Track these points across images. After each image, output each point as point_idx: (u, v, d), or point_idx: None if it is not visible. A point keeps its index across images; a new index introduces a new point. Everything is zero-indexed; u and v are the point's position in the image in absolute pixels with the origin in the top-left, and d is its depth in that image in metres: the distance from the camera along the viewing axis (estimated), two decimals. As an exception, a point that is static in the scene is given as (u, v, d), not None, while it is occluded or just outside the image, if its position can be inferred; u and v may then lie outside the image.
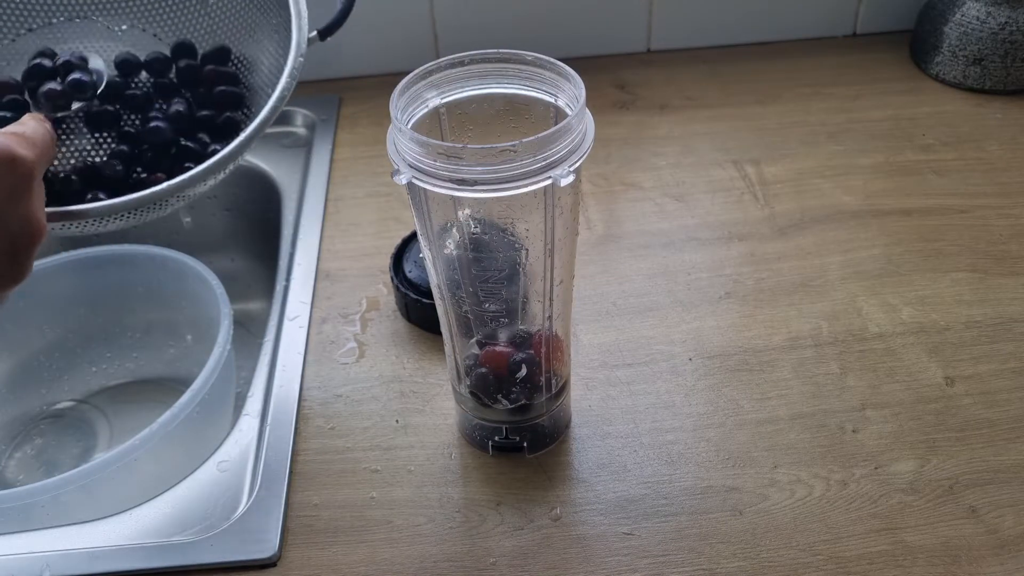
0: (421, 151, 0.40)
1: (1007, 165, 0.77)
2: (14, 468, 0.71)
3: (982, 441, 0.55)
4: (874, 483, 0.53)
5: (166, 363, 0.78)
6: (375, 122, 0.85)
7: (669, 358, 0.61)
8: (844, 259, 0.68)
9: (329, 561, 0.50)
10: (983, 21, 0.83)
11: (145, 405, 0.76)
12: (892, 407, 0.57)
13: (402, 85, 0.43)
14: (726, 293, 0.66)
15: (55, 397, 0.76)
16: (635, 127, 0.84)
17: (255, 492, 0.54)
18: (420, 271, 0.64)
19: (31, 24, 0.55)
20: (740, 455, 0.55)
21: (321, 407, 0.59)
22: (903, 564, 0.48)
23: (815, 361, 0.60)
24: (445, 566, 0.50)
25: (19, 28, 0.55)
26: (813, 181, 0.76)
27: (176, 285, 0.69)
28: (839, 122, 0.83)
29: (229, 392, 0.66)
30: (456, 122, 0.46)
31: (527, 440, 0.55)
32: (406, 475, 0.55)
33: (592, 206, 0.75)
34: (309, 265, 0.70)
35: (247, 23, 0.57)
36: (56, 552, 0.52)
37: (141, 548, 0.52)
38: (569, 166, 0.40)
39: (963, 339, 0.61)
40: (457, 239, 0.45)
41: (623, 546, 0.50)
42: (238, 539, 0.51)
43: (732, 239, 0.70)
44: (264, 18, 0.56)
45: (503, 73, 0.44)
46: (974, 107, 0.84)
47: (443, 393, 0.60)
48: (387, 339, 0.64)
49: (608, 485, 0.53)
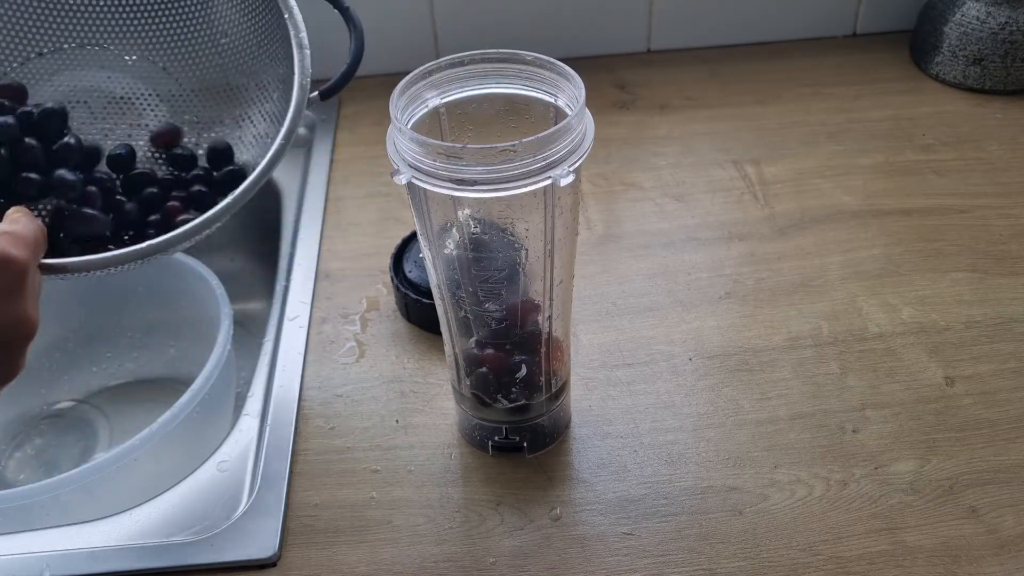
0: (421, 151, 0.40)
1: (1007, 165, 0.77)
2: (14, 468, 0.71)
3: (982, 441, 0.55)
4: (874, 483, 0.53)
5: (166, 363, 0.78)
6: (375, 122, 0.85)
7: (669, 358, 0.61)
8: (844, 259, 0.68)
9: (329, 561, 0.50)
10: (983, 21, 0.83)
11: (145, 405, 0.76)
12: (892, 407, 0.57)
13: (402, 85, 0.43)
14: (726, 293, 0.66)
15: (55, 397, 0.76)
16: (635, 127, 0.84)
17: (255, 492, 0.54)
18: (420, 271, 0.64)
19: (41, 48, 0.55)
20: (740, 455, 0.55)
21: (321, 407, 0.59)
22: (903, 564, 0.48)
23: (815, 361, 0.60)
24: (445, 566, 0.50)
25: (29, 52, 0.55)
26: (813, 181, 0.76)
27: (176, 285, 0.69)
28: (839, 122, 0.83)
29: (229, 392, 0.66)
30: (456, 122, 0.46)
31: (527, 440, 0.55)
32: (406, 475, 0.55)
33: (592, 206, 0.75)
34: (309, 265, 0.70)
35: (255, 67, 0.57)
36: (56, 552, 0.52)
37: (141, 548, 0.52)
38: (569, 166, 0.40)
39: (963, 339, 0.61)
40: (457, 239, 0.45)
41: (623, 546, 0.50)
42: (238, 539, 0.51)
43: (732, 239, 0.70)
44: (272, 66, 0.55)
45: (503, 73, 0.44)
46: (974, 107, 0.84)
47: (443, 393, 0.60)
48: (387, 339, 0.64)
49: (608, 485, 0.53)
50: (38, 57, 0.55)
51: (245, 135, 0.57)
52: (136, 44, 0.57)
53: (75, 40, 0.56)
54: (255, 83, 0.57)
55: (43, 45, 0.55)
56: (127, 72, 0.58)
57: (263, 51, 0.56)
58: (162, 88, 0.58)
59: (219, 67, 0.58)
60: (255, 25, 0.55)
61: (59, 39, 0.55)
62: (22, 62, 0.55)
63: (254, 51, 0.56)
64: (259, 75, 0.56)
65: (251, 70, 0.57)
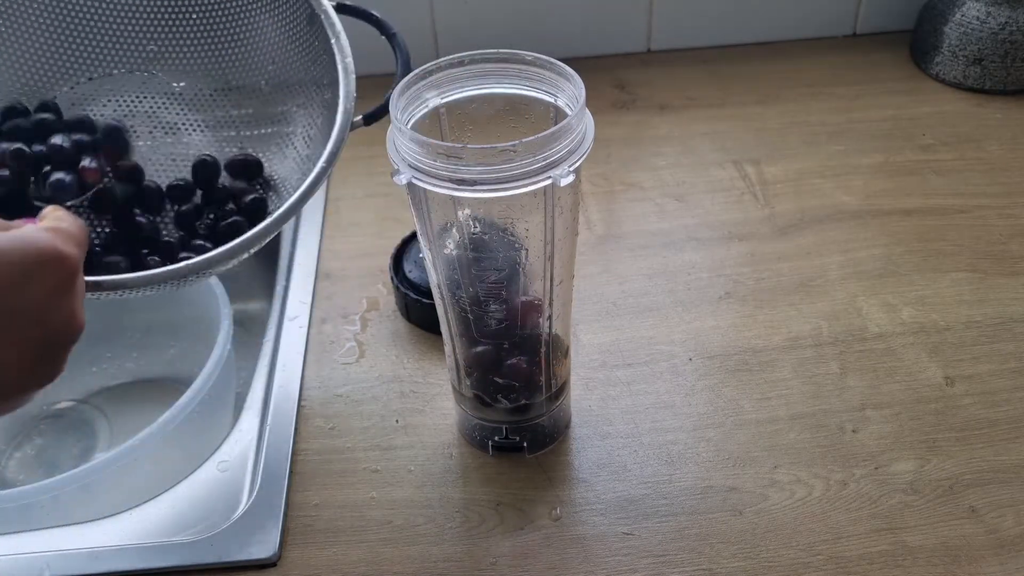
0: (421, 151, 0.40)
1: (1007, 165, 0.77)
2: (14, 468, 0.71)
3: (982, 441, 0.55)
4: (874, 483, 0.53)
5: (166, 363, 0.78)
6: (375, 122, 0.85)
7: (669, 358, 0.61)
8: (844, 259, 0.68)
9: (329, 561, 0.50)
10: (983, 21, 0.83)
11: (145, 405, 0.76)
12: (892, 407, 0.57)
13: (402, 85, 0.43)
14: (726, 293, 0.66)
15: (55, 397, 0.76)
16: (635, 127, 0.84)
17: (255, 492, 0.54)
18: (420, 271, 0.64)
19: (91, 73, 0.55)
20: (740, 455, 0.55)
21: (321, 407, 0.59)
22: (903, 564, 0.48)
23: (815, 361, 0.60)
24: (445, 566, 0.50)
25: (79, 76, 0.55)
26: (813, 181, 0.76)
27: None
28: (839, 122, 0.83)
29: (229, 392, 0.66)
30: (456, 122, 0.46)
31: (527, 440, 0.55)
32: (406, 475, 0.55)
33: (592, 206, 0.75)
34: (309, 265, 0.70)
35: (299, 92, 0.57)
36: (56, 552, 0.52)
37: (141, 548, 0.52)
38: (569, 166, 0.40)
39: (963, 339, 0.61)
40: (457, 239, 0.45)
41: (623, 546, 0.50)
42: (238, 539, 0.51)
43: (732, 239, 0.70)
44: (318, 93, 0.55)
45: (503, 73, 0.44)
46: (974, 107, 0.84)
47: (443, 393, 0.60)
48: (387, 339, 0.64)
49: (608, 485, 0.53)
50: (88, 82, 0.55)
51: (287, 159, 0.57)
52: (184, 71, 0.57)
53: (125, 66, 0.56)
54: (299, 107, 0.57)
55: (93, 70, 0.55)
56: (174, 99, 0.58)
57: (308, 76, 0.56)
58: (208, 115, 0.58)
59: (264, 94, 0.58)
60: (302, 51, 0.55)
61: (109, 65, 0.56)
62: (72, 87, 0.55)
63: (300, 76, 0.56)
64: (304, 99, 0.56)
65: (295, 94, 0.57)
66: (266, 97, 0.58)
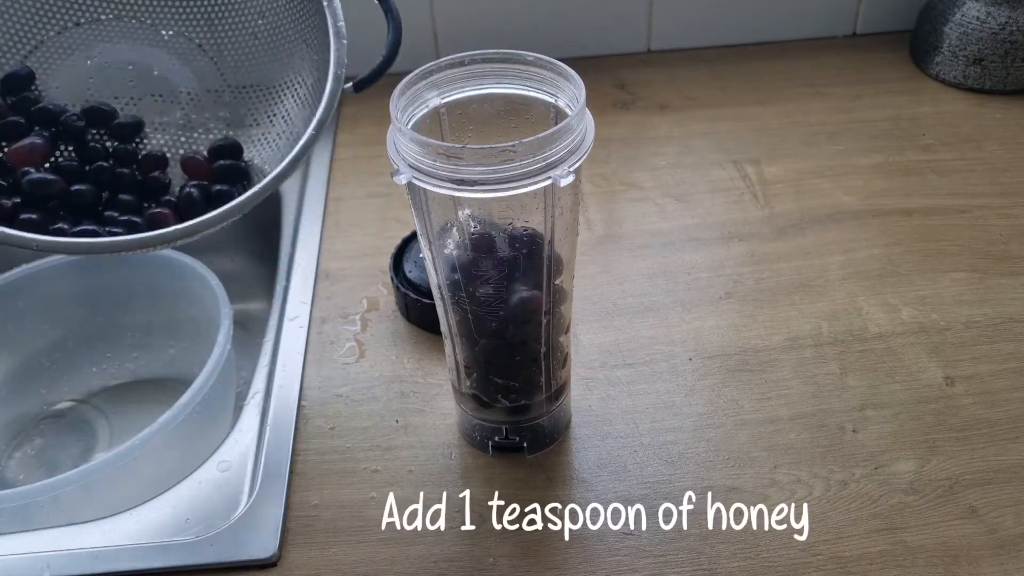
0: (421, 151, 0.40)
1: (1007, 165, 0.77)
2: (14, 468, 0.71)
3: (982, 441, 0.55)
4: (874, 483, 0.53)
5: (166, 363, 0.78)
6: (375, 122, 0.85)
7: (669, 358, 0.61)
8: (844, 259, 0.68)
9: (329, 561, 0.50)
10: (983, 21, 0.83)
11: (145, 405, 0.76)
12: (892, 407, 0.57)
13: (402, 85, 0.43)
14: (726, 293, 0.66)
15: (55, 397, 0.76)
16: (635, 127, 0.84)
17: (255, 492, 0.54)
18: (420, 271, 0.64)
19: (79, 18, 0.55)
20: (740, 455, 0.55)
21: (321, 407, 0.59)
22: (903, 564, 0.48)
23: (815, 361, 0.60)
24: (445, 566, 0.50)
25: (66, 21, 0.54)
26: (813, 181, 0.76)
27: (176, 285, 0.69)
28: (839, 122, 0.83)
29: (229, 392, 0.66)
30: (456, 122, 0.46)
31: (527, 440, 0.55)
32: (406, 475, 0.55)
33: (592, 206, 0.75)
34: (309, 265, 0.70)
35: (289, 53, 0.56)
36: (56, 552, 0.52)
37: (141, 548, 0.52)
38: (569, 166, 0.40)
39: (963, 339, 0.61)
40: (457, 239, 0.45)
41: (623, 546, 0.50)
42: (238, 539, 0.51)
43: (732, 239, 0.70)
44: (308, 53, 0.55)
45: (503, 73, 0.44)
46: (974, 107, 0.84)
47: (443, 393, 0.60)
48: (387, 339, 0.64)
49: (608, 485, 0.53)
50: (75, 27, 0.55)
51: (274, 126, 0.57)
52: (173, 19, 0.56)
53: (113, 11, 0.55)
54: (289, 69, 0.56)
55: (80, 15, 0.55)
56: (162, 47, 0.57)
57: (299, 37, 0.55)
58: (195, 66, 0.57)
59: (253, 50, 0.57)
60: (293, 9, 0.55)
61: (97, 10, 0.55)
62: (59, 31, 0.54)
63: (290, 36, 0.55)
64: (294, 62, 0.56)
65: (286, 56, 0.56)
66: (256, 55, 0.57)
